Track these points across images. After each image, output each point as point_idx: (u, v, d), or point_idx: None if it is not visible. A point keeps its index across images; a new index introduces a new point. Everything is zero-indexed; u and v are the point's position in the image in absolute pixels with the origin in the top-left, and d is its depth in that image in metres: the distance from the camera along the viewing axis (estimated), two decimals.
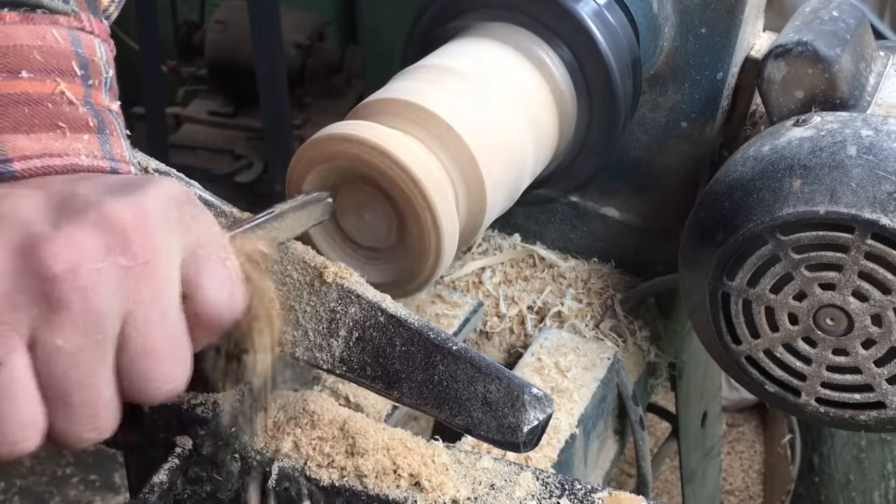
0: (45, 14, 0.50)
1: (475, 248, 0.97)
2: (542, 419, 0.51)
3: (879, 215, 0.66)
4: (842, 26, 0.79)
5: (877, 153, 0.68)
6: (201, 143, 2.70)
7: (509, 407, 0.51)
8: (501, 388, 0.51)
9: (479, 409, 0.52)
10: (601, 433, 0.88)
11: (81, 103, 0.50)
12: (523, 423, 0.51)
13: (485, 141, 0.67)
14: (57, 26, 0.50)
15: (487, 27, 0.77)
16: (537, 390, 0.51)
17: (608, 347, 0.87)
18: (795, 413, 0.77)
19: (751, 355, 0.75)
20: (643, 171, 0.91)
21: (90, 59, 0.52)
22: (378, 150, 0.62)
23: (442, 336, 0.53)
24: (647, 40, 0.83)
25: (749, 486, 2.10)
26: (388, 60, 2.79)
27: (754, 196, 0.71)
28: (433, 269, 0.65)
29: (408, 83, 0.70)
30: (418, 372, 0.53)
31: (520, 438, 0.51)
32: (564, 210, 0.95)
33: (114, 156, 0.51)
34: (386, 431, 0.58)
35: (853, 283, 0.68)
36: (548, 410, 0.51)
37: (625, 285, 0.94)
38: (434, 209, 0.62)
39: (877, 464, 1.53)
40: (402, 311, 0.54)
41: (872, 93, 0.80)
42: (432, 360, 0.53)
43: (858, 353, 0.70)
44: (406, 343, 0.53)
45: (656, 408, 1.26)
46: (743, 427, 2.23)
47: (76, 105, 0.50)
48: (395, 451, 0.57)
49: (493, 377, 0.52)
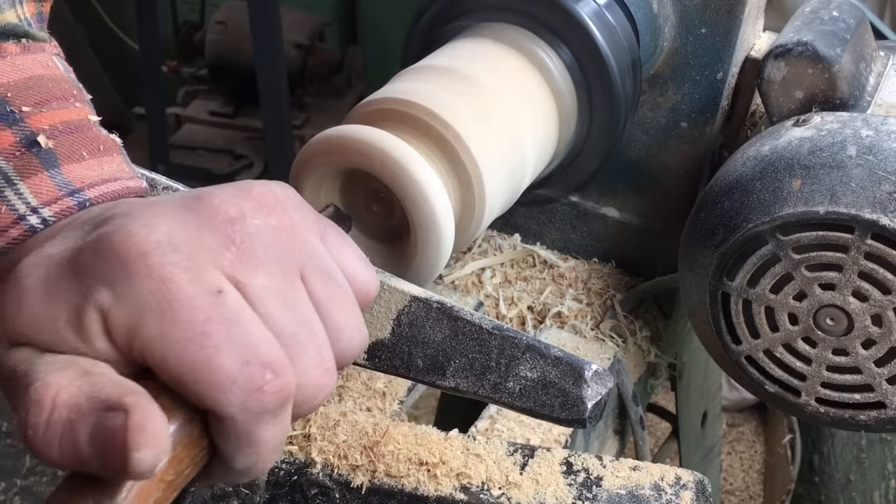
0: (33, 42, 0.50)
1: (475, 248, 0.97)
2: (604, 394, 0.53)
3: (879, 215, 0.66)
4: (842, 26, 0.79)
5: (877, 153, 0.68)
6: (201, 144, 2.70)
7: (571, 385, 0.52)
8: (561, 368, 0.53)
9: (539, 390, 0.53)
10: (601, 433, 0.88)
11: (97, 125, 0.51)
12: (588, 399, 0.52)
13: (484, 141, 0.67)
14: (46, 54, 0.51)
15: (487, 27, 0.77)
16: (596, 366, 0.53)
17: (608, 348, 0.87)
18: (795, 413, 0.77)
19: (751, 355, 0.75)
20: (643, 171, 0.91)
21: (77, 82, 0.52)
22: (378, 149, 0.62)
23: (494, 322, 0.54)
24: (647, 40, 0.83)
25: (749, 486, 2.10)
26: (388, 60, 2.80)
27: (754, 196, 0.71)
28: (431, 268, 0.65)
29: (408, 83, 0.70)
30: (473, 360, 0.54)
31: (586, 414, 0.52)
32: (564, 210, 0.95)
33: (137, 173, 0.52)
34: (408, 428, 0.58)
35: (853, 284, 0.68)
36: (608, 385, 0.53)
37: (625, 285, 0.94)
38: (433, 208, 0.62)
39: (877, 464, 1.53)
40: (447, 302, 0.55)
41: (872, 93, 0.80)
42: (486, 346, 0.53)
43: (858, 354, 0.70)
44: (457, 332, 0.54)
45: (656, 408, 1.26)
46: (743, 427, 2.23)
47: (99, 128, 0.51)
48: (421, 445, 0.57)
49: (550, 358, 0.53)
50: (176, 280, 0.41)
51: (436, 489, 0.57)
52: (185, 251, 0.42)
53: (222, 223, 0.44)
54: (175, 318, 0.41)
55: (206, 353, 0.41)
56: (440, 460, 0.58)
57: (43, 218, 0.46)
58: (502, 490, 0.56)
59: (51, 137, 0.47)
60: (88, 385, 0.40)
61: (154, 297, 0.41)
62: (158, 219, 0.43)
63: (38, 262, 0.43)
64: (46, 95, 0.49)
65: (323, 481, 0.58)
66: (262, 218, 0.45)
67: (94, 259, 0.42)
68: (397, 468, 0.58)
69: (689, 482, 0.57)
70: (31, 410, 0.39)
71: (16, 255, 0.46)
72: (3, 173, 0.46)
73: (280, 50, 2.40)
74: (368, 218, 0.68)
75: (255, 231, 0.45)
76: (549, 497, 0.56)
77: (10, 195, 0.46)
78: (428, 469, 0.58)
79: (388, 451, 0.58)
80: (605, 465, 0.58)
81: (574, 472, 0.58)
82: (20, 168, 0.46)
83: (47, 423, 0.39)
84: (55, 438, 0.39)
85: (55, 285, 0.42)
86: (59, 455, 0.39)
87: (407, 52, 0.81)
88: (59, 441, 0.39)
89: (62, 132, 0.48)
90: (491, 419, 0.75)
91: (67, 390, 0.39)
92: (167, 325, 0.41)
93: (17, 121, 0.47)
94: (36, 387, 0.39)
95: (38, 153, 0.47)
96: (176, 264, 0.42)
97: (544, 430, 0.74)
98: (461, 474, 0.57)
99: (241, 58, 2.54)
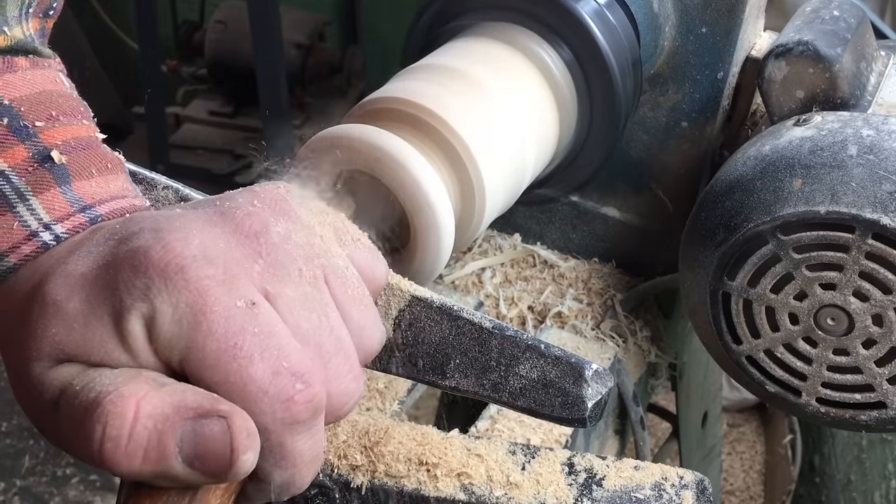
0: (39, 58, 0.50)
1: (475, 248, 0.97)
2: (604, 393, 0.52)
3: (880, 215, 0.66)
4: (843, 26, 0.79)
5: (878, 153, 0.68)
6: (201, 143, 2.70)
7: (571, 384, 0.52)
8: (561, 367, 0.52)
9: (539, 390, 0.53)
10: (601, 433, 0.88)
11: (102, 142, 0.51)
12: (588, 399, 0.52)
13: (484, 140, 0.67)
14: (52, 70, 0.51)
15: (487, 26, 0.77)
16: (596, 366, 0.53)
17: (609, 348, 0.87)
18: (796, 413, 0.77)
19: (751, 355, 0.75)
20: (643, 170, 0.91)
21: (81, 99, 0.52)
22: (378, 149, 0.62)
23: (494, 322, 0.54)
24: (647, 40, 0.83)
25: (750, 486, 2.10)
26: (387, 60, 2.79)
27: (755, 196, 0.71)
28: (431, 268, 0.65)
29: (408, 82, 0.70)
30: (473, 359, 0.54)
31: (586, 414, 0.52)
32: (565, 210, 0.95)
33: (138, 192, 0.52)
34: (408, 428, 0.58)
35: (854, 283, 0.68)
36: (609, 384, 0.53)
37: (625, 285, 0.94)
38: (433, 208, 0.62)
39: (878, 464, 1.52)
40: (448, 301, 0.54)
41: (873, 92, 0.80)
42: (486, 346, 0.53)
43: (859, 353, 0.70)
44: (457, 331, 0.54)
45: (657, 408, 1.26)
46: (744, 427, 2.23)
47: (104, 145, 0.51)
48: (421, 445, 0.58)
49: (550, 358, 0.53)
50: (212, 293, 0.42)
51: (436, 489, 0.57)
52: (219, 264, 0.43)
53: (247, 237, 0.45)
54: (211, 329, 0.42)
55: (239, 364, 0.42)
56: (440, 460, 0.58)
57: (56, 234, 0.46)
58: (503, 490, 0.56)
59: (63, 153, 0.47)
60: (170, 395, 0.41)
61: (192, 310, 0.42)
62: (191, 232, 0.44)
63: (71, 283, 0.43)
64: (57, 111, 0.48)
65: (322, 481, 0.58)
66: (282, 225, 0.47)
67: (133, 274, 0.42)
68: (397, 468, 0.58)
69: (689, 482, 0.57)
70: (109, 422, 0.39)
71: (28, 271, 0.45)
72: (16, 189, 0.46)
73: (280, 49, 2.40)
74: (368, 218, 0.68)
75: (280, 241, 0.46)
76: (549, 497, 0.56)
77: (22, 211, 0.46)
78: (428, 469, 0.58)
79: (388, 451, 0.58)
80: (609, 465, 0.58)
81: (575, 472, 0.58)
82: (33, 183, 0.46)
83: (130, 434, 0.40)
84: (139, 449, 0.40)
85: (98, 305, 0.42)
86: (141, 465, 0.40)
87: (407, 52, 0.81)
88: (145, 451, 0.40)
89: (74, 148, 0.48)
90: (491, 419, 0.75)
91: (149, 401, 0.40)
92: (203, 336, 0.42)
93: (31, 136, 0.47)
94: (111, 398, 0.40)
95: (50, 168, 0.47)
96: (212, 277, 0.43)
97: (545, 430, 0.74)
98: (462, 474, 0.57)
99: (241, 57, 2.54)
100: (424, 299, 0.54)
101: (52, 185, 0.46)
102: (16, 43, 0.48)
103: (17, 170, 0.46)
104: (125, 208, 0.49)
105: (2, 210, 0.45)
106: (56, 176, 0.47)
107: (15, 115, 0.46)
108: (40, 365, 0.43)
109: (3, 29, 0.47)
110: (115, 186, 0.49)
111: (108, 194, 0.49)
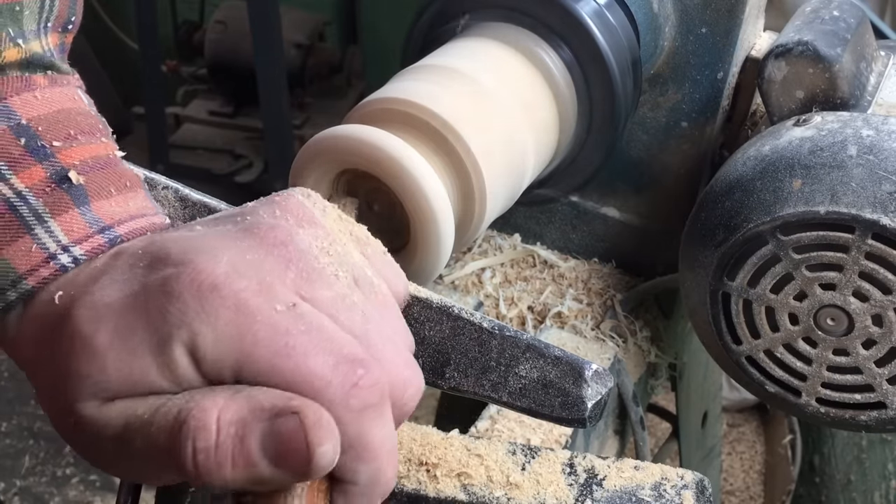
0: (59, 75, 0.50)
1: (475, 248, 0.97)
2: (604, 393, 0.53)
3: (880, 215, 0.66)
4: (842, 26, 0.79)
5: (877, 153, 0.68)
6: (201, 143, 2.70)
7: (571, 384, 0.52)
8: (561, 368, 0.53)
9: (539, 390, 0.53)
10: (601, 433, 0.88)
11: (121, 160, 0.51)
12: (588, 399, 0.52)
13: (484, 140, 0.67)
14: (71, 87, 0.50)
15: (487, 27, 0.77)
16: (596, 366, 0.53)
17: (609, 348, 0.87)
18: (796, 413, 0.77)
19: (751, 355, 0.75)
20: (643, 171, 0.91)
21: (99, 115, 0.52)
22: (378, 149, 0.62)
23: (494, 322, 0.54)
24: (647, 40, 0.83)
25: (750, 486, 2.10)
26: (387, 60, 2.79)
27: (755, 196, 0.71)
28: (431, 268, 0.65)
29: (407, 82, 0.70)
30: (473, 359, 0.54)
31: (586, 414, 0.52)
32: (565, 210, 0.95)
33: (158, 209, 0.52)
34: (408, 428, 0.59)
35: (854, 284, 0.68)
36: (609, 384, 0.53)
37: (625, 285, 0.94)
38: (433, 208, 0.62)
39: (878, 464, 1.53)
40: (448, 301, 0.55)
41: (873, 92, 0.80)
42: (486, 346, 0.53)
43: (859, 354, 0.70)
44: (457, 331, 0.54)
45: (657, 408, 1.26)
46: (743, 427, 2.23)
47: (123, 162, 0.50)
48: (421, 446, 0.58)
49: (550, 358, 0.53)
50: (250, 304, 0.42)
51: (436, 490, 0.57)
52: (251, 276, 0.43)
53: (275, 246, 0.45)
54: (256, 338, 0.42)
55: (296, 362, 0.42)
56: (440, 460, 0.58)
57: (74, 257, 0.45)
58: (503, 490, 0.56)
59: (81, 173, 0.47)
60: (246, 399, 0.41)
61: (233, 325, 0.42)
62: (218, 250, 0.44)
63: (97, 315, 0.43)
64: (75, 130, 0.48)
65: None
66: (308, 232, 0.47)
67: (167, 301, 0.42)
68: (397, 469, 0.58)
69: (689, 482, 0.57)
70: (198, 437, 0.40)
71: (47, 295, 0.45)
72: (34, 210, 0.45)
73: (280, 49, 2.40)
74: (368, 218, 0.68)
75: (307, 247, 0.46)
76: (549, 497, 0.56)
77: (40, 233, 0.45)
78: (428, 469, 0.58)
79: None
80: (609, 466, 0.58)
81: (576, 472, 0.58)
82: (51, 205, 0.45)
83: (216, 444, 0.40)
84: (227, 457, 0.40)
85: (132, 338, 0.42)
86: (231, 472, 0.40)
87: (407, 52, 0.81)
88: (232, 458, 0.40)
89: (92, 168, 0.47)
90: (491, 419, 0.75)
91: (228, 410, 0.40)
92: (250, 346, 0.42)
93: (48, 156, 0.46)
94: (194, 413, 0.40)
95: (68, 189, 0.46)
96: (246, 289, 0.42)
97: (545, 431, 0.74)
98: (462, 474, 0.57)
99: (241, 57, 2.54)
100: (424, 299, 0.54)
101: (70, 206, 0.46)
102: (32, 56, 0.47)
103: (34, 190, 0.45)
104: (144, 227, 0.48)
105: (20, 232, 0.45)
106: (74, 196, 0.46)
107: (33, 135, 0.46)
108: (89, 406, 0.42)
109: (18, 42, 0.47)
110: (133, 205, 0.49)
111: (128, 213, 0.48)
